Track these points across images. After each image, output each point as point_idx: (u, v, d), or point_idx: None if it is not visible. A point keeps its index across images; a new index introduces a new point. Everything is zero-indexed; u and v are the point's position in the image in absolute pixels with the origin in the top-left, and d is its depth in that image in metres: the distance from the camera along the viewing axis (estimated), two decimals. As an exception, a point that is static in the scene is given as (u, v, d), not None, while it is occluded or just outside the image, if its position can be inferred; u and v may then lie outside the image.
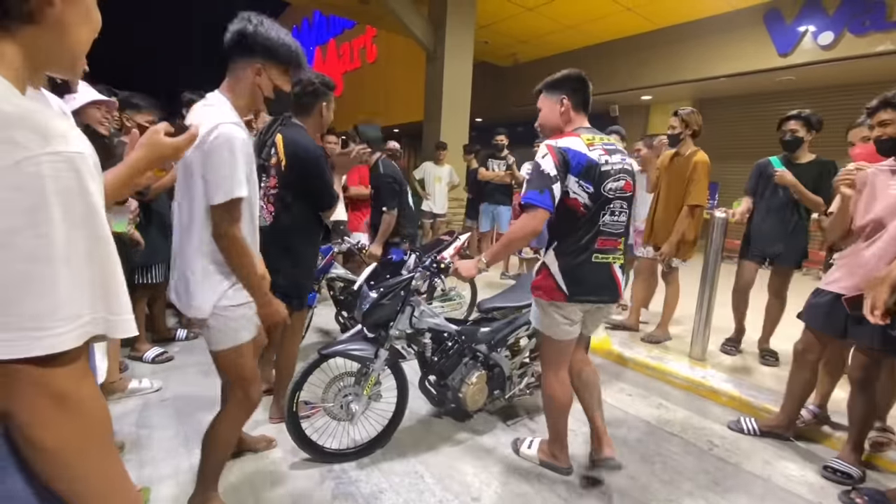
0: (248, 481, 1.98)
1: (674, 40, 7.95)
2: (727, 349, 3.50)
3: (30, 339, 0.52)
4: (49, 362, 0.54)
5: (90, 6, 0.67)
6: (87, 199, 0.56)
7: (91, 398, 0.61)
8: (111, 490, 0.63)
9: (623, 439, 2.45)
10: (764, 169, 3.26)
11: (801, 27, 6.52)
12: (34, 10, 0.58)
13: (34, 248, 0.52)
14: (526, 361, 2.62)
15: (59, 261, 0.53)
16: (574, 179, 1.75)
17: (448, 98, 6.98)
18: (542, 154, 1.75)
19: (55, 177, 0.52)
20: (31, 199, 0.51)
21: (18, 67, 0.58)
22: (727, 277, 3.41)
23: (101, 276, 0.59)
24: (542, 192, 1.72)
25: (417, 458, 2.19)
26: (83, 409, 0.59)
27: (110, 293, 0.60)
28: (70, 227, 0.54)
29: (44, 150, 0.52)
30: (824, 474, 2.19)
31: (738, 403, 2.84)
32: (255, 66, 1.48)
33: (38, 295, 0.53)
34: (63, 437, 0.57)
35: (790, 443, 2.48)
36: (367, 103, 14.69)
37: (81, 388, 0.59)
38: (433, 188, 6.05)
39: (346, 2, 7.88)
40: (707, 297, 3.25)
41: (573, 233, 1.82)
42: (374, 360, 2.08)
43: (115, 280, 0.61)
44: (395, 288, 2.07)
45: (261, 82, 1.51)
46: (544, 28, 8.38)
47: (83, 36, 0.66)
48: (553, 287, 1.85)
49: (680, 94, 8.93)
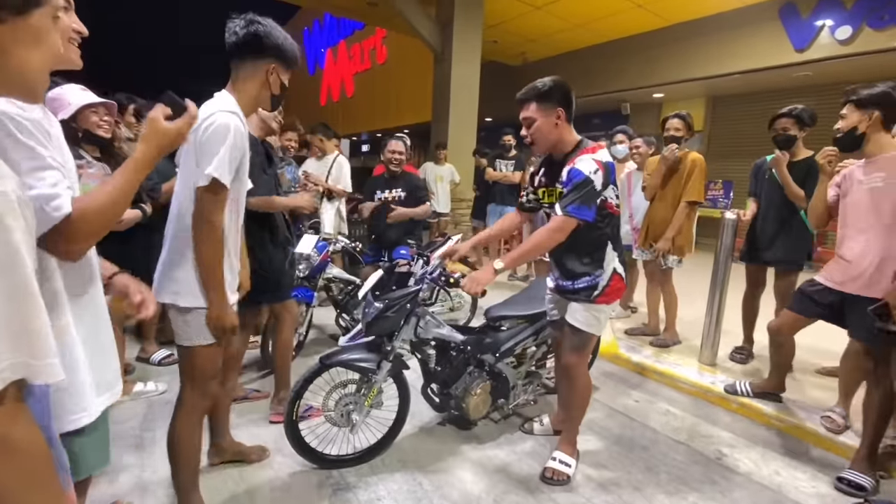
0: (246, 487, 1.98)
1: (686, 37, 7.81)
2: (737, 357, 3.37)
3: None
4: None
5: (41, 32, 0.66)
6: (7, 239, 0.54)
7: (26, 439, 0.60)
8: None
9: (628, 447, 2.40)
10: (759, 167, 3.22)
11: (818, 22, 6.35)
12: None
13: None
14: (532, 370, 2.58)
15: None
16: (611, 188, 1.90)
17: (456, 98, 6.96)
18: (593, 170, 1.81)
19: None
20: None
21: None
22: (742, 280, 3.33)
23: (21, 321, 0.57)
24: (590, 208, 1.83)
25: (417, 466, 2.17)
26: (18, 450, 0.59)
27: (32, 337, 0.59)
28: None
29: None
30: (837, 486, 2.11)
31: (748, 411, 2.76)
32: (268, 66, 1.53)
33: None
34: (2, 480, 0.57)
35: (801, 451, 2.41)
36: (377, 104, 14.73)
37: (13, 430, 0.58)
38: (436, 187, 6.06)
39: (355, 4, 7.90)
40: (717, 300, 3.18)
41: (616, 232, 2.02)
42: (376, 371, 2.06)
43: (37, 323, 0.60)
44: (400, 301, 2.05)
45: (272, 81, 1.56)
46: (553, 27, 8.31)
47: (32, 61, 0.65)
48: (622, 287, 2.04)
49: (692, 91, 8.78)
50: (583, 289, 2.01)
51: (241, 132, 1.46)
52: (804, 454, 2.40)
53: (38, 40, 0.66)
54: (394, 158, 3.39)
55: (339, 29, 16.13)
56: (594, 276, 1.99)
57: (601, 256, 1.98)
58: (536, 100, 1.87)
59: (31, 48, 0.65)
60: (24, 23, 0.63)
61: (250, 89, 1.54)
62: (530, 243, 1.90)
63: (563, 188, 1.89)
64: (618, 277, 2.02)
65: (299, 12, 18.84)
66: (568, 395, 2.19)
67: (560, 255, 2.03)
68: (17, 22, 0.62)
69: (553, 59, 10.02)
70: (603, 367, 3.38)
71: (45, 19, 0.66)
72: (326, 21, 16.95)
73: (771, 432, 2.59)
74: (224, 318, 1.53)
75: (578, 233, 1.88)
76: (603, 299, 2.00)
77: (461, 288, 1.95)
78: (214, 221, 1.44)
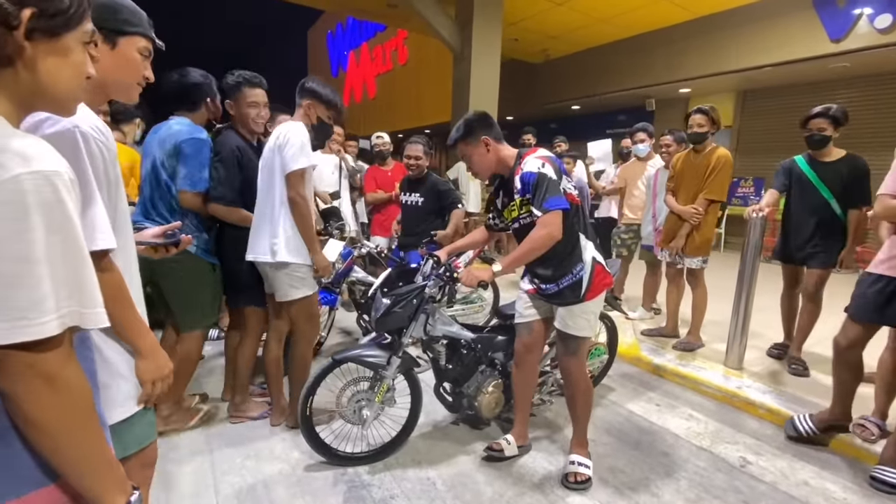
0: (262, 482, 2.02)
1: (713, 29, 7.56)
2: (774, 353, 3.35)
3: (19, 327, 0.62)
4: (36, 347, 0.64)
5: (69, 49, 0.73)
6: (63, 209, 0.65)
7: (75, 378, 0.70)
8: (97, 465, 0.73)
9: (647, 451, 2.34)
10: (790, 169, 3.14)
11: (856, 10, 6.04)
12: (10, 55, 0.67)
13: (19, 251, 0.61)
14: (546, 370, 2.55)
15: (40, 261, 0.63)
16: (565, 179, 1.94)
17: (475, 98, 6.92)
18: (540, 165, 1.89)
19: (36, 191, 0.62)
20: (16, 210, 0.61)
21: (8, 104, 0.70)
22: (769, 280, 3.21)
23: (75, 274, 0.68)
24: (560, 196, 1.86)
25: (431, 465, 2.17)
26: (69, 387, 0.68)
27: (84, 289, 0.69)
28: (48, 233, 0.63)
29: (25, 170, 0.62)
30: (872, 484, 2.04)
31: (776, 417, 2.65)
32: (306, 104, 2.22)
33: (24, 290, 0.62)
34: (50, 412, 0.66)
35: (833, 461, 2.30)
36: (399, 105, 14.83)
37: (65, 370, 0.68)
38: (467, 187, 6.04)
39: (375, 6, 7.96)
40: (744, 301, 3.06)
41: (586, 222, 2.03)
42: (386, 367, 2.08)
43: (87, 277, 0.70)
44: (407, 296, 2.06)
45: (310, 114, 2.22)
46: (575, 22, 8.18)
47: (63, 77, 0.74)
48: (608, 278, 2.05)
49: (721, 85, 8.50)
50: (568, 288, 1.99)
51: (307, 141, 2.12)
52: (835, 464, 2.29)
53: (67, 58, 0.74)
54: (411, 164, 3.34)
55: (362, 31, 16.31)
56: (575, 272, 1.97)
57: (577, 250, 1.98)
58: (461, 140, 2.02)
59: (61, 66, 0.73)
60: (54, 44, 0.71)
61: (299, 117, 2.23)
62: (527, 245, 1.88)
63: (522, 197, 1.93)
64: (600, 267, 2.01)
65: (323, 16, 19.17)
66: (570, 398, 2.16)
67: (537, 262, 1.99)
68: (50, 43, 0.70)
69: (575, 56, 9.87)
70: (623, 370, 3.31)
71: (75, 42, 0.74)
72: (349, 24, 17.16)
73: (800, 440, 2.48)
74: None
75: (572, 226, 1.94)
76: (591, 295, 1.99)
77: (459, 281, 2.02)
78: (304, 195, 2.10)
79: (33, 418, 0.66)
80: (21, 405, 0.65)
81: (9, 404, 0.66)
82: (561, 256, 1.96)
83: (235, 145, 2.26)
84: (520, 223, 2.02)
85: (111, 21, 1.05)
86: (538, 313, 2.15)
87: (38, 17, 0.67)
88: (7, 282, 0.61)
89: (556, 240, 1.86)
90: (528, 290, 2.17)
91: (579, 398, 2.12)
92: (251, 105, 2.26)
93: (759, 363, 3.26)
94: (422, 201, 3.38)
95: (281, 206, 2.13)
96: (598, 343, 2.78)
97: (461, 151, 2.06)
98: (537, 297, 2.14)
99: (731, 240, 8.39)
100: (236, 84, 2.23)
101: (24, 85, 0.70)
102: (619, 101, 10.00)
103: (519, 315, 2.21)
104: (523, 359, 2.20)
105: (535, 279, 2.11)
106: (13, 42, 0.66)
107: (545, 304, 2.13)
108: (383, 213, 4.20)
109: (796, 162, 3.11)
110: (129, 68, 1.11)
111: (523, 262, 1.95)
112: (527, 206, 1.93)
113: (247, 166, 2.27)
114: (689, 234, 3.32)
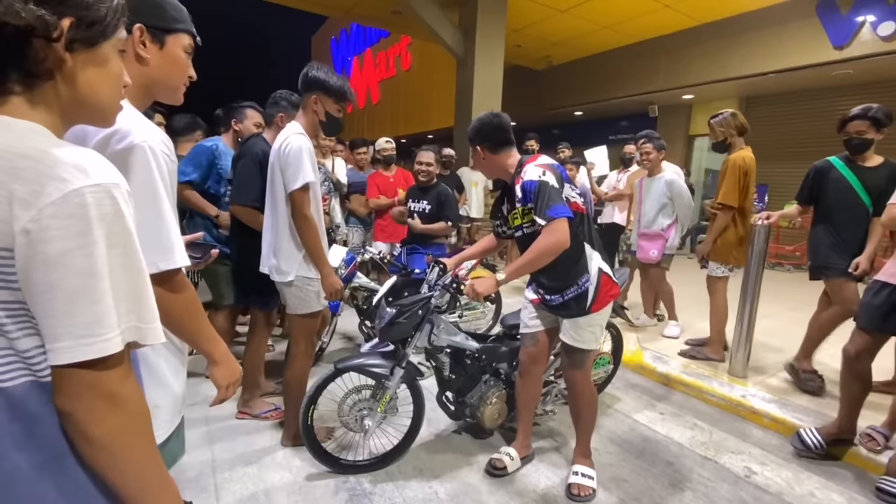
0: (264, 490, 2.01)
1: (717, 36, 7.58)
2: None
3: (83, 345, 0.60)
4: (99, 365, 0.62)
5: (107, 58, 0.73)
6: (123, 222, 0.64)
7: (135, 396, 0.69)
8: (155, 482, 0.71)
9: (651, 461, 2.33)
10: (825, 172, 2.84)
11: (859, 17, 6.05)
12: (52, 68, 0.66)
13: (83, 265, 0.60)
14: (550, 380, 2.53)
15: (103, 276, 0.62)
16: (568, 186, 1.91)
17: (479, 104, 6.94)
18: (541, 173, 1.86)
19: (97, 204, 0.61)
20: (80, 224, 0.60)
21: (53, 117, 0.69)
22: (771, 288, 3.17)
23: (135, 289, 0.67)
24: (563, 204, 1.82)
25: (433, 474, 2.16)
26: (129, 406, 0.67)
27: (142, 304, 0.68)
28: (109, 246, 0.62)
29: (86, 183, 0.61)
30: (878, 496, 2.01)
31: (782, 426, 2.63)
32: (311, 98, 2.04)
33: (88, 306, 0.60)
34: (112, 431, 0.65)
35: (839, 471, 2.27)
36: (401, 110, 14.90)
37: (126, 387, 0.66)
38: (470, 192, 6.05)
39: (379, 12, 8.02)
40: (749, 309, 3.04)
41: (591, 231, 2.00)
42: (389, 377, 2.07)
43: (145, 292, 0.69)
44: (412, 307, 2.04)
45: (317, 109, 2.05)
46: (579, 29, 8.21)
47: (103, 89, 0.73)
48: (615, 289, 2.01)
49: (724, 92, 8.52)
50: (573, 299, 1.95)
51: (311, 149, 1.99)
52: (842, 475, 2.26)
53: (106, 70, 0.73)
54: (421, 170, 3.35)
55: (366, 37, 16.42)
56: (581, 283, 1.93)
57: (582, 260, 1.94)
58: (469, 141, 2.08)
59: (101, 78, 0.72)
60: (92, 54, 0.70)
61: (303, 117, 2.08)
62: (533, 253, 1.82)
63: (523, 206, 1.91)
64: (606, 278, 1.97)
65: (327, 22, 19.30)
66: (575, 410, 2.13)
67: (542, 272, 1.96)
68: (88, 53, 0.69)
69: (578, 62, 9.90)
70: (627, 378, 3.29)
71: (112, 50, 0.73)
72: (353, 30, 17.28)
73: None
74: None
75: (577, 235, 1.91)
76: (597, 306, 1.95)
77: (463, 294, 1.97)
78: (309, 214, 1.98)
79: (94, 437, 0.64)
80: (82, 426, 0.63)
81: (67, 424, 0.64)
82: (566, 267, 1.92)
83: (261, 150, 2.32)
84: (523, 231, 1.98)
85: (158, 18, 1.00)
86: (543, 324, 2.12)
87: (77, 27, 0.66)
88: (71, 298, 0.60)
89: (564, 248, 1.80)
90: (533, 300, 2.13)
91: (584, 410, 2.10)
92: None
93: (763, 371, 3.24)
94: (429, 208, 3.40)
95: (285, 222, 2.05)
96: (603, 352, 2.76)
97: (471, 150, 2.12)
98: (542, 307, 2.10)
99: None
100: (290, 104, 2.46)
101: (66, 97, 0.69)
102: (622, 107, 10.02)
103: (524, 325, 2.17)
104: (528, 370, 2.17)
105: (539, 289, 2.07)
106: (54, 54, 0.65)
107: (550, 315, 2.09)
108: (385, 219, 4.20)
109: (834, 165, 2.80)
110: (178, 68, 1.06)
111: (528, 271, 1.91)
112: (528, 216, 1.89)
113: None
114: (715, 240, 3.27)
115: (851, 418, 2.34)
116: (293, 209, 1.99)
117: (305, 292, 2.10)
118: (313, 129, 2.06)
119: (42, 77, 0.66)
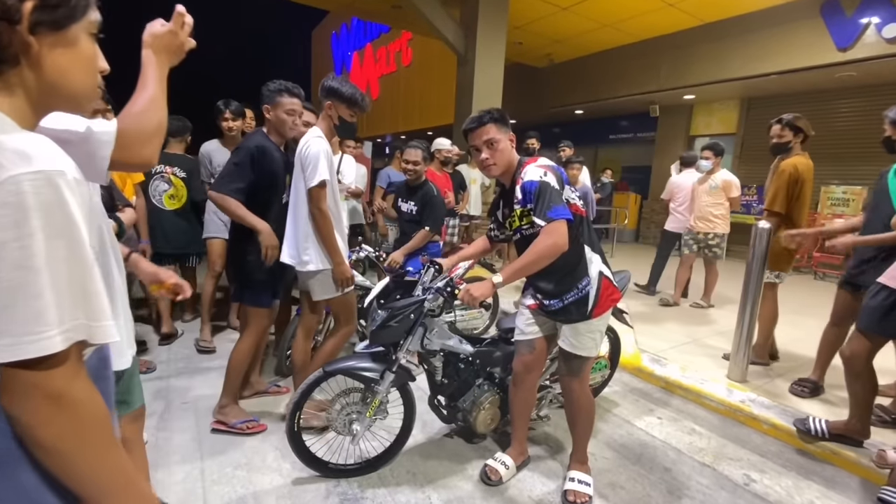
0: (253, 493, 1.97)
1: (719, 36, 7.52)
2: (797, 389, 2.94)
3: (23, 343, 0.57)
4: (42, 364, 0.59)
5: (77, 41, 0.69)
6: (66, 211, 0.60)
7: (85, 396, 0.65)
8: (116, 485, 0.68)
9: (648, 467, 2.28)
10: (881, 177, 2.57)
11: (864, 19, 6.00)
12: (16, 53, 0.63)
13: (19, 258, 0.56)
14: (545, 384, 2.49)
15: (41, 270, 0.58)
16: (568, 188, 1.85)
17: (479, 101, 6.88)
18: (542, 174, 1.80)
19: (35, 192, 0.57)
20: (15, 214, 0.56)
21: (20, 104, 0.65)
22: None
23: (80, 283, 0.63)
24: (563, 206, 1.77)
25: (426, 478, 2.11)
26: (77, 406, 0.63)
27: (89, 299, 0.64)
28: (50, 238, 0.58)
29: (25, 170, 0.57)
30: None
31: (781, 433, 2.59)
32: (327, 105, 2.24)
33: (26, 301, 0.57)
34: (59, 434, 0.61)
35: (840, 480, 2.23)
36: (402, 106, 14.81)
37: (74, 388, 0.63)
38: (468, 190, 5.99)
39: (380, 7, 7.94)
40: (748, 312, 3.00)
41: (591, 233, 1.94)
42: (379, 381, 2.01)
43: (93, 287, 0.65)
44: (404, 311, 1.97)
45: (332, 115, 2.25)
46: (580, 27, 8.14)
47: (74, 74, 0.70)
48: (616, 293, 1.97)
49: (725, 92, 8.46)
50: (574, 304, 1.89)
51: (328, 151, 2.21)
52: (842, 483, 2.22)
53: (77, 56, 0.69)
54: (408, 169, 3.23)
55: (366, 32, 16.31)
56: (581, 286, 1.88)
57: (582, 263, 1.88)
58: (494, 122, 1.88)
59: (71, 64, 0.69)
60: (61, 37, 0.67)
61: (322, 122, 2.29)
62: (531, 255, 1.76)
63: (523, 207, 1.84)
64: (607, 282, 1.91)
65: (328, 17, 19.19)
66: (571, 417, 2.07)
67: (540, 276, 1.88)
68: (56, 36, 0.66)
69: (579, 61, 9.83)
70: (624, 381, 3.25)
71: (83, 33, 0.70)
72: (354, 25, 17.16)
73: (806, 458, 2.42)
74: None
75: (577, 238, 1.86)
76: (598, 311, 1.90)
77: (458, 298, 1.87)
78: (324, 208, 2.17)
79: (41, 440, 0.61)
80: (27, 428, 0.60)
81: (16, 426, 0.61)
82: (565, 270, 1.86)
83: (255, 145, 2.30)
84: (521, 233, 1.92)
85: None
86: (540, 331, 2.04)
87: (41, 8, 0.63)
88: (7, 293, 0.56)
89: (562, 250, 1.74)
90: (530, 306, 2.05)
91: (581, 417, 2.04)
92: (289, 112, 2.32)
93: (763, 376, 3.20)
94: (416, 209, 3.28)
95: (308, 216, 2.24)
96: (601, 356, 2.72)
97: (488, 133, 1.86)
98: (539, 312, 2.03)
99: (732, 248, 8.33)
100: (277, 91, 2.30)
101: (34, 83, 0.66)
102: (623, 106, 9.96)
103: (519, 332, 2.09)
104: (522, 378, 2.09)
105: (537, 294, 2.00)
106: (17, 38, 0.62)
107: (548, 321, 2.03)
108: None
109: (889, 171, 2.50)
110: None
111: (526, 273, 1.83)
112: (528, 217, 1.83)
113: (265, 167, 2.29)
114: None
115: (862, 420, 2.31)
116: (310, 203, 2.18)
117: (326, 278, 2.29)
118: (330, 132, 2.27)
119: (6, 62, 0.63)
